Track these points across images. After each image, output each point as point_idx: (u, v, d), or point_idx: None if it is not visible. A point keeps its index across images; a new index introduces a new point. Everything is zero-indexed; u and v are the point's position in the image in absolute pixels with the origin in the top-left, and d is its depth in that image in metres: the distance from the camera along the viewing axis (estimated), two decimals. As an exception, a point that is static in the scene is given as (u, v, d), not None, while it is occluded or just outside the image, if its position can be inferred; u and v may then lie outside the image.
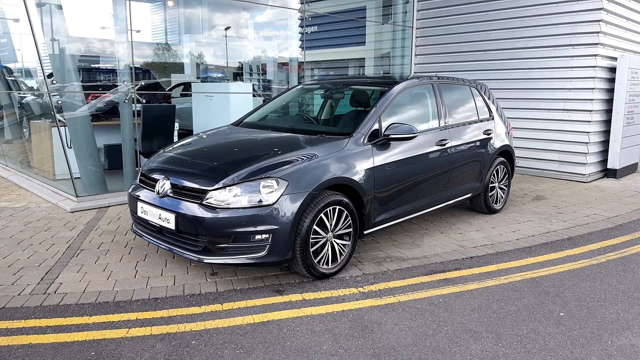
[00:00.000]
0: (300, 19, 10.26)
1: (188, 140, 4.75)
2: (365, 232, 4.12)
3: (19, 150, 8.74)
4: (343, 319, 3.22)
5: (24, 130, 8.46)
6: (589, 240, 4.94)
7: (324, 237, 3.74)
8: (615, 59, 7.82)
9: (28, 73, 8.86)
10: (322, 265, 3.77)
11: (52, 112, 5.89)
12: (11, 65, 8.92)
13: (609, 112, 7.93)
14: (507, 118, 6.22)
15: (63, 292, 3.51)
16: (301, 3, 10.31)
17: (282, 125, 5.09)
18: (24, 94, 8.71)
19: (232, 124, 5.17)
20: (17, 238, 4.68)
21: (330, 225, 3.76)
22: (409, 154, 4.41)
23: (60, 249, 4.41)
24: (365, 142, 4.11)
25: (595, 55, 7.43)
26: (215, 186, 3.52)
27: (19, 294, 3.48)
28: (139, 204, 3.91)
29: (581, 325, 3.21)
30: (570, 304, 3.51)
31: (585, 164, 7.72)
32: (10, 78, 8.76)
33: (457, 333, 3.07)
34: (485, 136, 5.48)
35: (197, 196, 3.55)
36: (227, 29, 12.35)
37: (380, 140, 4.19)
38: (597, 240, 4.94)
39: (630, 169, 8.49)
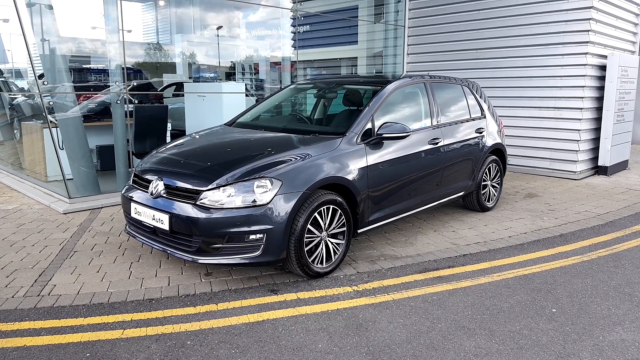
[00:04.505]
0: (293, 18, 10.25)
1: (181, 140, 4.74)
2: (359, 231, 4.14)
3: (10, 151, 8.68)
4: (338, 317, 3.24)
5: (15, 131, 8.40)
6: (580, 237, 4.99)
7: (318, 237, 3.75)
8: (605, 57, 7.90)
9: (19, 74, 8.79)
10: (317, 264, 3.79)
11: (44, 113, 5.86)
12: (1, 66, 8.85)
13: (599, 109, 8.01)
14: (499, 116, 6.27)
15: (57, 294, 3.50)
16: (293, 2, 10.30)
17: (275, 125, 5.10)
18: (14, 95, 8.64)
19: (225, 124, 5.17)
20: (10, 240, 4.65)
21: (324, 224, 3.78)
22: (402, 153, 4.43)
23: (54, 250, 4.39)
24: (359, 141, 4.13)
25: (586, 53, 7.50)
26: (209, 186, 3.52)
27: (13, 296, 3.46)
28: (133, 205, 3.90)
29: (573, 321, 3.25)
30: (562, 300, 3.55)
31: (576, 161, 7.79)
32: (0, 79, 8.70)
33: (451, 330, 3.10)
34: (477, 135, 5.52)
35: (191, 196, 3.55)
36: (219, 28, 12.31)
37: (373, 140, 4.21)
38: (588, 237, 4.99)
39: (620, 166, 8.57)
